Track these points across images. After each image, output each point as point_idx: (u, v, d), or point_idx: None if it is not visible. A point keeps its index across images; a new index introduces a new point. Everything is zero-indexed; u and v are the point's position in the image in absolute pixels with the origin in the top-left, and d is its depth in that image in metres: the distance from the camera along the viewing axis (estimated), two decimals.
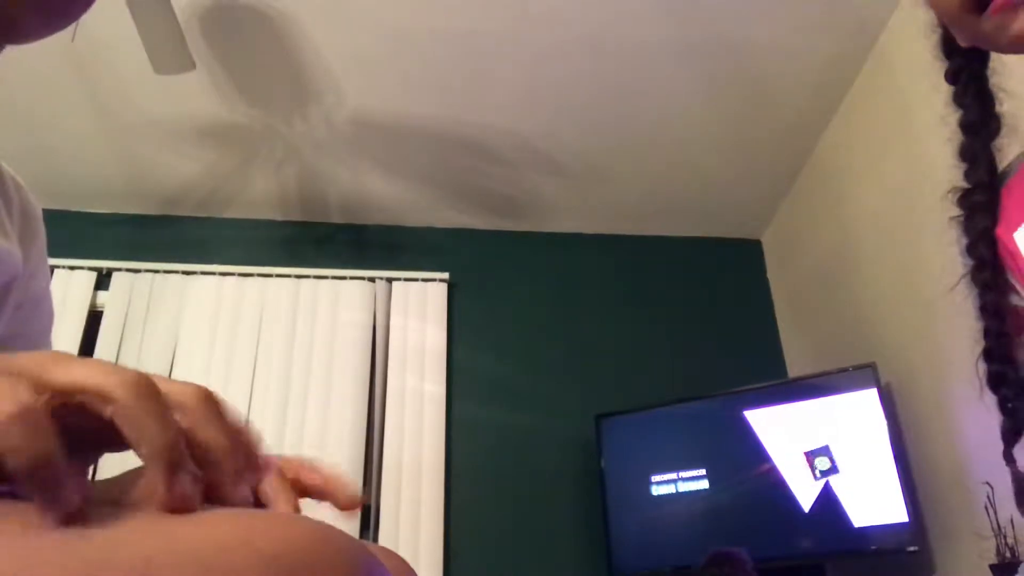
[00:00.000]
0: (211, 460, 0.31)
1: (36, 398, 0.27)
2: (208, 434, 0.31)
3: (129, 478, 0.37)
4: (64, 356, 0.30)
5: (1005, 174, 0.76)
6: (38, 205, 0.67)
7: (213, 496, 0.31)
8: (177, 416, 0.30)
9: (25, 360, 0.29)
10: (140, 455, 0.29)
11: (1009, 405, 0.71)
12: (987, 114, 0.75)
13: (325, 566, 0.28)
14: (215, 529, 0.28)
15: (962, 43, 0.65)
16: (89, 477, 0.38)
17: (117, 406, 0.28)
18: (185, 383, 0.32)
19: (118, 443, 0.29)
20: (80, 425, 0.28)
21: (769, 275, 3.26)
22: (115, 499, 0.30)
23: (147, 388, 0.29)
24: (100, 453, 0.33)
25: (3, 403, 0.26)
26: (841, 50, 2.40)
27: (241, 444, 0.33)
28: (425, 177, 2.91)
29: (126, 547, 0.26)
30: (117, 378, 0.28)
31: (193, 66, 2.06)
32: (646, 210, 3.15)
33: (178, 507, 0.28)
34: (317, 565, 0.28)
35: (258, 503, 0.38)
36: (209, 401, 0.32)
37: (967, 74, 0.76)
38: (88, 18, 0.56)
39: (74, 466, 0.27)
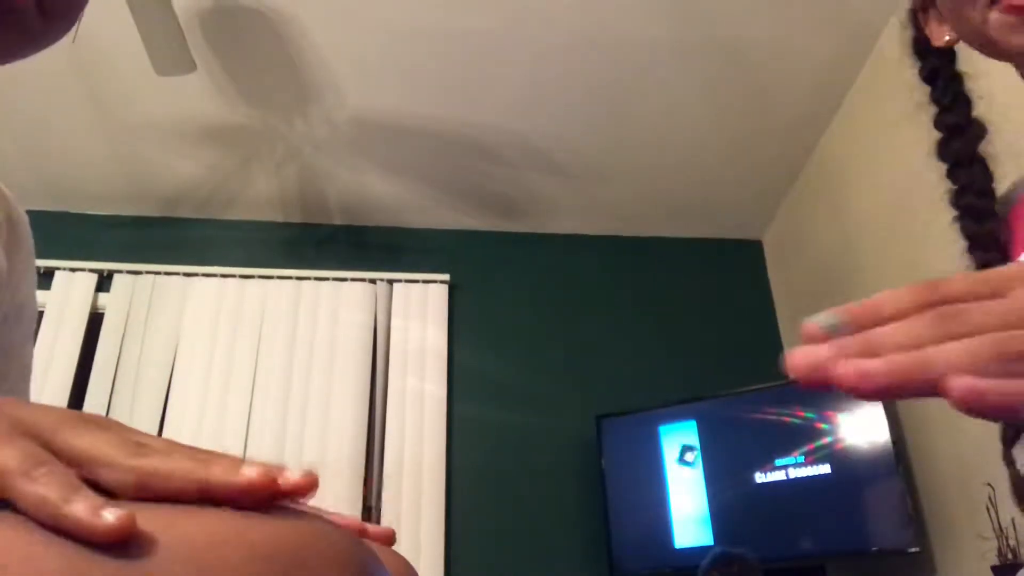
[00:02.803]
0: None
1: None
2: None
3: None
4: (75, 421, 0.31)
5: (1010, 196, 0.75)
6: (23, 213, 0.67)
7: None
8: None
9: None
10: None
11: None
12: (966, 113, 0.75)
13: (321, 562, 0.28)
14: (209, 523, 0.27)
15: (963, 38, 0.65)
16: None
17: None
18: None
19: None
20: None
21: (769, 275, 3.26)
22: None
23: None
24: None
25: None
26: (841, 50, 2.40)
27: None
28: (425, 177, 2.91)
29: None
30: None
31: (194, 67, 2.06)
32: (646, 210, 3.15)
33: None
34: (313, 561, 0.28)
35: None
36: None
37: (944, 73, 0.76)
38: (89, 19, 0.56)
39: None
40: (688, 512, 2.48)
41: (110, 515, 0.26)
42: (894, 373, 0.30)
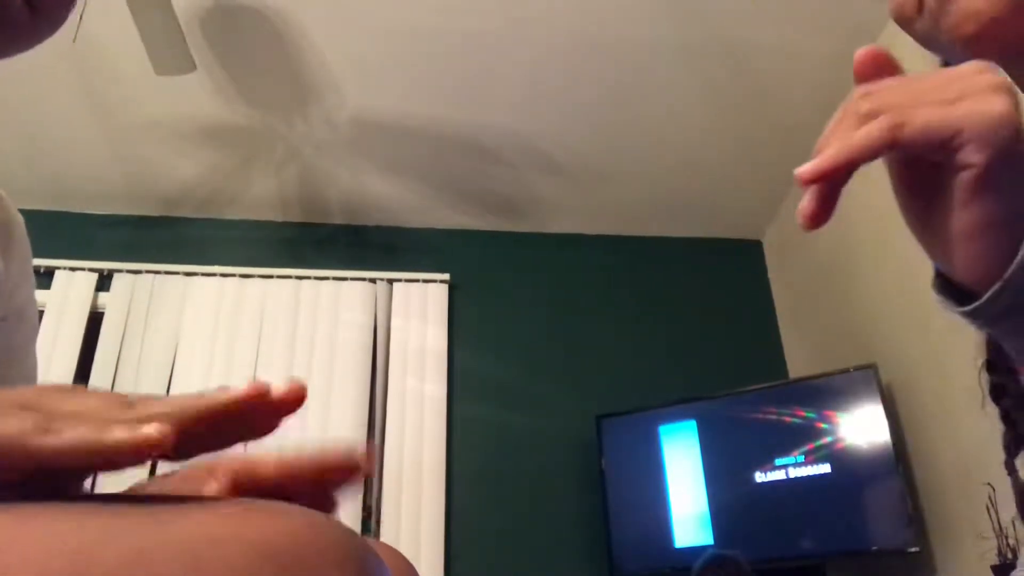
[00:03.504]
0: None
1: None
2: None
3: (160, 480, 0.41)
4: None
5: None
6: (18, 214, 0.66)
7: None
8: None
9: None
10: None
11: (1011, 416, 0.71)
12: None
13: (319, 558, 0.28)
14: (208, 521, 0.27)
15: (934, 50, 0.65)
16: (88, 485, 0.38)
17: None
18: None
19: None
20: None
21: (769, 275, 3.26)
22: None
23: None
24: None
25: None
26: (841, 50, 2.40)
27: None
28: (425, 177, 2.91)
29: (118, 538, 0.26)
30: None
31: (194, 67, 2.06)
32: (646, 210, 3.15)
33: None
34: (311, 557, 0.28)
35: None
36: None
37: None
38: (89, 19, 0.56)
39: None
40: (688, 512, 2.48)
41: (149, 428, 0.27)
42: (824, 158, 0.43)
